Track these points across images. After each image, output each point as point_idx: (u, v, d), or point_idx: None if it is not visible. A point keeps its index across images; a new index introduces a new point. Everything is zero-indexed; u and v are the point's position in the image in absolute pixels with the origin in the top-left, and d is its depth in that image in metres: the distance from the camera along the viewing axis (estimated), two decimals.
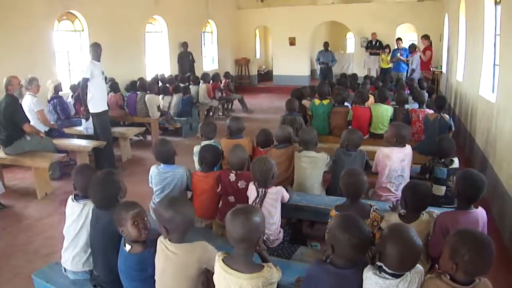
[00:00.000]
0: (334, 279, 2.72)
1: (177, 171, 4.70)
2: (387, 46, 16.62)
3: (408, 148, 5.20)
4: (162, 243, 3.04)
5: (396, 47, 15.89)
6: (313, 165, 5.20)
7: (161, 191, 4.73)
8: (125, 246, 3.16)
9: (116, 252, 3.31)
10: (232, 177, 4.48)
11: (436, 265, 2.66)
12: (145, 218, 3.15)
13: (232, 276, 2.69)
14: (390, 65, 15.87)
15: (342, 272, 2.71)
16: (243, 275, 2.67)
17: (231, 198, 4.49)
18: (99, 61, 8.06)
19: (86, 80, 7.98)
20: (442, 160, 4.95)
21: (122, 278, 3.25)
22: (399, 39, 16.09)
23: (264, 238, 3.41)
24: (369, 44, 18.36)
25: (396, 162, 5.04)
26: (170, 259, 2.97)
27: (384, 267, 2.61)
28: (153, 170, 4.78)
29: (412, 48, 15.28)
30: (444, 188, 4.87)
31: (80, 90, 8.12)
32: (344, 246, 2.67)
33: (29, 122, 7.59)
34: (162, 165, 4.76)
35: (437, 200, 4.72)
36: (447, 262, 2.49)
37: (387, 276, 2.58)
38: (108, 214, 3.35)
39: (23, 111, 7.53)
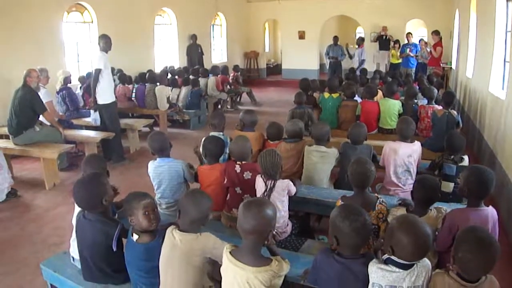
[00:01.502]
0: (339, 268, 2.73)
1: (173, 164, 4.69)
2: (397, 41, 16.56)
3: (416, 145, 5.20)
4: (170, 232, 3.07)
5: (406, 41, 15.85)
6: (323, 159, 5.20)
7: (159, 186, 4.75)
8: (132, 235, 3.18)
9: (106, 260, 3.39)
10: (238, 168, 4.49)
11: (448, 265, 2.66)
12: (155, 209, 3.18)
13: (239, 269, 2.70)
14: (400, 60, 15.81)
15: (347, 262, 2.73)
16: (251, 268, 2.68)
17: (238, 190, 4.50)
18: (107, 52, 8.11)
19: (99, 71, 8.04)
20: (452, 156, 4.92)
21: (128, 269, 3.27)
22: (409, 33, 16.04)
23: (274, 232, 3.42)
24: (379, 39, 18.26)
25: (403, 157, 5.04)
26: (175, 246, 3.00)
27: (393, 258, 2.62)
28: (150, 165, 4.77)
29: (360, 40, 15.97)
30: (452, 185, 4.83)
31: (93, 81, 8.13)
32: (347, 233, 2.69)
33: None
34: (158, 159, 4.75)
35: (445, 197, 4.70)
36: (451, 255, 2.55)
37: (394, 268, 2.59)
38: (96, 226, 3.38)
39: (41, 100, 7.63)
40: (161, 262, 3.07)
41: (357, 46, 16.22)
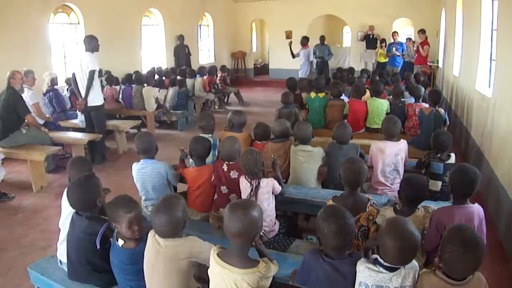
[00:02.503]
0: (327, 268, 2.75)
1: (156, 166, 4.67)
2: (383, 40, 16.61)
3: (402, 143, 5.20)
4: (153, 238, 3.04)
5: (392, 40, 15.89)
6: (309, 159, 5.20)
7: (142, 188, 4.74)
8: (117, 240, 3.15)
9: (89, 258, 3.37)
10: (225, 166, 4.51)
11: (436, 259, 2.68)
12: (140, 221, 3.13)
13: (227, 271, 2.70)
14: (387, 59, 15.86)
15: (334, 262, 2.75)
16: (238, 270, 2.68)
17: (224, 189, 4.51)
18: (93, 53, 8.12)
19: (94, 72, 8.08)
20: (439, 155, 4.93)
21: (115, 272, 3.25)
22: (395, 32, 16.09)
23: (261, 233, 3.42)
24: (366, 38, 18.26)
25: (390, 156, 5.03)
26: (160, 253, 2.97)
27: (379, 260, 2.63)
28: (134, 167, 4.74)
29: (305, 40, 14.77)
30: (440, 183, 4.84)
31: (88, 82, 8.09)
32: (325, 234, 2.73)
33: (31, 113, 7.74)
34: (141, 160, 4.73)
35: (433, 196, 4.71)
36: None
37: (381, 269, 2.61)
38: (83, 222, 3.37)
39: (25, 103, 7.59)
40: (145, 267, 3.06)
41: (301, 47, 14.98)
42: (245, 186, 4.15)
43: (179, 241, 2.99)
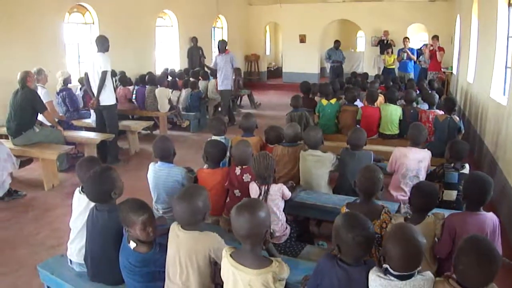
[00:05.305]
0: (341, 275, 2.72)
1: (173, 170, 4.64)
2: (389, 45, 16.49)
3: (426, 152, 5.24)
4: (174, 229, 3.09)
5: (402, 46, 15.73)
6: (319, 164, 5.17)
7: (155, 190, 4.71)
8: (129, 242, 3.15)
9: (116, 253, 3.31)
10: (238, 170, 4.50)
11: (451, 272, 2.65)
12: (153, 221, 3.13)
13: (240, 272, 2.70)
14: (394, 65, 15.72)
15: (349, 269, 2.72)
16: (252, 270, 2.68)
17: (237, 192, 4.50)
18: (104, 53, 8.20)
19: (106, 73, 8.16)
20: (452, 164, 4.87)
21: (122, 271, 3.25)
22: (406, 38, 15.90)
23: (271, 231, 3.41)
24: (380, 43, 18.12)
25: (413, 161, 5.07)
26: (180, 245, 3.02)
27: (389, 269, 2.60)
28: (150, 167, 4.74)
29: (224, 44, 11.89)
30: (455, 193, 4.74)
31: (100, 82, 8.15)
32: (349, 245, 2.68)
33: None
34: (159, 162, 4.71)
35: (449, 206, 4.65)
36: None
37: (392, 278, 2.58)
38: (104, 216, 3.37)
39: (42, 100, 7.65)
40: (167, 262, 3.10)
41: (218, 52, 12.03)
42: (254, 191, 4.15)
43: (198, 235, 3.02)
